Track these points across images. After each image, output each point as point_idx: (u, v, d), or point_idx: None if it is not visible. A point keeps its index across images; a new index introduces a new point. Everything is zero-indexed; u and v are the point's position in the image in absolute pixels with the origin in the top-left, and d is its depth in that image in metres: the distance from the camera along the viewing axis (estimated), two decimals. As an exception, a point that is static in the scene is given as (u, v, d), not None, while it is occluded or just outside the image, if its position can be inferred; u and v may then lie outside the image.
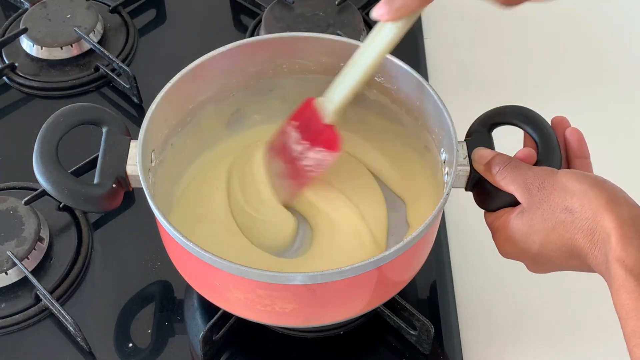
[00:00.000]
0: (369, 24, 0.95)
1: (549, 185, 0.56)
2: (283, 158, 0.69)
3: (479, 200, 0.63)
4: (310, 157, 0.67)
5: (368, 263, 0.54)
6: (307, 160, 0.68)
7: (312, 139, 0.67)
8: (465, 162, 0.62)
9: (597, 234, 0.52)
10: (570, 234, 0.54)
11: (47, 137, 0.61)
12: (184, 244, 0.56)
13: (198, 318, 0.70)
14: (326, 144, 0.66)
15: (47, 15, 0.92)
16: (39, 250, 0.72)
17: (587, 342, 0.71)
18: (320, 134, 0.66)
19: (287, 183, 0.70)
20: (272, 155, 0.70)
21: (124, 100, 0.89)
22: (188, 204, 0.70)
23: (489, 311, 0.73)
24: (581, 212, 0.53)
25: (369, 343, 0.69)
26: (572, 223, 0.54)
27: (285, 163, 0.69)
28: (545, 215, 0.55)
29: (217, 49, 0.67)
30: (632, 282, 0.49)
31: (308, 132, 0.67)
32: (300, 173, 0.69)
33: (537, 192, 0.56)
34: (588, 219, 0.53)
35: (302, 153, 0.68)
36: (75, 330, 0.66)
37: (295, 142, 0.68)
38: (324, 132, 0.66)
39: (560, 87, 0.93)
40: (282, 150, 0.69)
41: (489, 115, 0.64)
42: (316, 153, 0.67)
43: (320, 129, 0.66)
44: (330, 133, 0.66)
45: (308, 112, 0.67)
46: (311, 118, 0.66)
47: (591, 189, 0.53)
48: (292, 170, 0.69)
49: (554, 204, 0.55)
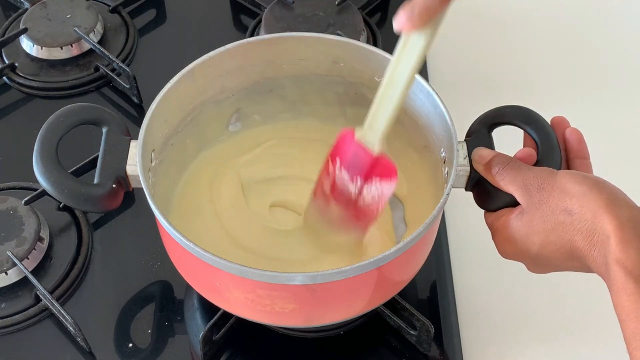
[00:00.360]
0: (369, 24, 0.95)
1: (549, 186, 0.55)
2: (338, 202, 0.64)
3: (479, 200, 0.63)
4: (369, 192, 0.62)
5: (368, 263, 0.54)
6: (367, 197, 0.63)
7: (365, 175, 0.62)
8: (465, 162, 0.62)
9: (596, 235, 0.52)
10: (570, 235, 0.54)
11: (47, 137, 0.61)
12: (184, 244, 0.56)
13: (198, 318, 0.70)
14: (383, 174, 0.61)
15: (47, 15, 0.92)
16: (39, 250, 0.72)
17: (587, 342, 0.71)
18: (373, 166, 0.61)
19: (348, 227, 0.65)
20: (322, 203, 0.66)
21: (124, 100, 0.89)
22: (188, 204, 0.70)
23: (489, 311, 0.73)
24: (580, 213, 0.53)
25: (369, 343, 0.69)
26: (571, 224, 0.54)
27: (341, 206, 0.64)
28: (545, 216, 0.55)
29: (217, 49, 0.67)
30: (632, 284, 0.49)
31: (356, 168, 0.62)
32: (361, 213, 0.64)
33: (536, 193, 0.56)
34: (587, 220, 0.52)
35: (361, 193, 0.63)
36: (75, 330, 0.66)
37: (347, 183, 0.63)
38: (378, 163, 0.61)
39: (560, 87, 0.93)
40: (335, 195, 0.64)
41: (489, 115, 0.64)
42: (374, 187, 0.62)
43: (372, 161, 0.61)
44: (385, 162, 0.61)
45: (351, 148, 0.62)
46: (357, 153, 0.61)
47: (590, 191, 0.53)
48: (352, 212, 0.64)
49: (554, 205, 0.55)
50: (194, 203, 0.70)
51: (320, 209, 0.66)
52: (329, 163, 0.64)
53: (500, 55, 0.97)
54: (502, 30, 1.00)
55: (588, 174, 0.56)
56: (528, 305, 0.73)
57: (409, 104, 0.68)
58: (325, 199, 0.66)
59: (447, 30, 0.99)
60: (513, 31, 1.00)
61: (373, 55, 0.68)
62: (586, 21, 1.01)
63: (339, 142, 0.63)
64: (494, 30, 1.00)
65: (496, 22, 1.01)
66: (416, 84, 0.65)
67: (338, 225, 0.66)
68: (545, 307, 0.73)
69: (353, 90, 0.72)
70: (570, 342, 0.71)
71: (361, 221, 0.64)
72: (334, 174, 0.64)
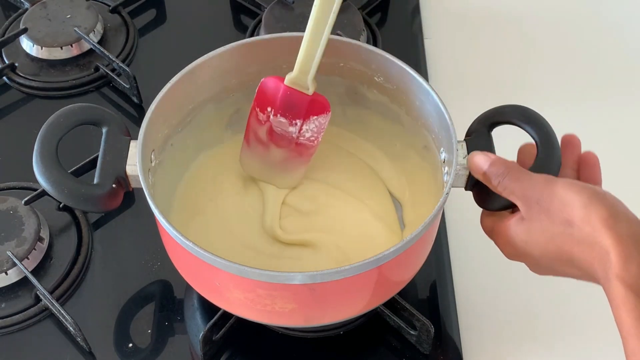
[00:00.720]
0: (369, 24, 0.95)
1: (548, 196, 0.55)
2: (278, 145, 0.70)
3: (478, 199, 0.63)
4: (308, 129, 0.68)
5: (368, 262, 0.54)
6: (306, 133, 0.69)
7: (303, 115, 0.67)
8: (464, 162, 0.62)
9: (596, 249, 0.51)
10: (569, 247, 0.53)
11: (47, 137, 0.61)
12: (184, 244, 0.56)
13: (198, 318, 0.70)
14: (319, 110, 0.67)
15: (47, 15, 0.92)
16: (39, 250, 0.72)
17: (587, 342, 0.71)
18: (310, 105, 0.67)
19: (293, 163, 0.71)
20: (261, 150, 0.70)
21: (124, 100, 0.89)
22: (188, 204, 0.70)
23: (489, 311, 0.73)
24: (580, 225, 0.52)
25: (369, 343, 0.69)
26: (570, 236, 0.53)
27: (283, 148, 0.70)
28: (544, 226, 0.55)
29: (217, 49, 0.67)
30: (632, 301, 0.48)
31: (294, 110, 0.67)
32: (303, 148, 0.70)
33: (535, 204, 0.55)
34: (587, 233, 0.52)
35: (300, 131, 0.68)
36: (75, 330, 0.66)
37: (286, 126, 0.68)
38: (314, 102, 0.67)
39: (560, 86, 0.93)
40: (273, 139, 0.69)
41: (489, 114, 0.64)
42: (313, 123, 0.68)
43: (307, 102, 0.67)
44: (318, 98, 0.67)
45: (285, 95, 0.66)
46: (292, 98, 0.66)
47: (590, 202, 0.52)
48: (294, 150, 0.70)
49: (553, 215, 0.54)
50: (193, 203, 0.70)
51: (261, 155, 0.70)
52: (257, 112, 0.68)
53: (500, 55, 0.97)
54: (502, 30, 1.00)
55: (588, 184, 0.55)
56: (528, 305, 0.73)
57: (409, 103, 0.68)
58: (263, 146, 0.70)
59: (447, 30, 1.00)
60: (513, 31, 1.00)
61: (373, 55, 0.68)
62: (586, 21, 1.01)
63: (264, 90, 0.67)
64: (494, 30, 1.00)
65: (496, 22, 1.01)
66: (415, 84, 0.65)
67: (282, 164, 0.70)
68: (545, 307, 0.73)
69: (353, 90, 0.72)
70: (571, 342, 0.71)
71: (304, 155, 0.70)
72: (269, 122, 0.68)
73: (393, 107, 0.70)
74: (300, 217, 0.71)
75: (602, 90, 0.93)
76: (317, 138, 0.69)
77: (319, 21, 0.62)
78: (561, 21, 1.01)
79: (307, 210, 0.71)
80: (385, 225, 0.70)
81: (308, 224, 0.70)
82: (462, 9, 1.02)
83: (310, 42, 0.63)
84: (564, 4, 1.04)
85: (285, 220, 0.70)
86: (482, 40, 0.99)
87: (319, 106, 0.67)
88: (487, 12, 1.02)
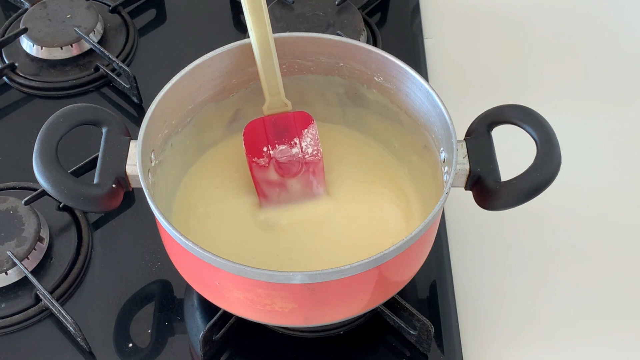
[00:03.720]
0: (369, 24, 0.95)
1: None
2: (292, 174, 0.70)
3: (478, 199, 0.63)
4: (307, 144, 0.70)
5: (368, 262, 0.54)
6: (308, 149, 0.70)
7: (296, 131, 0.70)
8: (464, 161, 0.62)
9: None
10: None
11: (47, 137, 0.61)
12: (183, 244, 0.56)
13: (198, 318, 0.70)
14: (304, 122, 0.70)
15: (47, 15, 0.92)
16: (39, 250, 0.72)
17: (587, 342, 0.71)
18: (296, 122, 0.70)
19: (311, 185, 0.70)
20: (280, 191, 0.70)
21: (124, 100, 0.89)
22: (188, 204, 0.70)
23: (489, 311, 0.73)
24: None
25: (369, 343, 0.69)
26: None
27: (298, 174, 0.70)
28: None
29: (217, 49, 0.67)
30: None
31: (287, 131, 0.70)
32: (312, 165, 0.70)
33: None
34: None
35: (302, 149, 0.70)
36: (75, 330, 0.66)
37: (289, 151, 0.70)
38: (297, 116, 0.70)
39: (560, 86, 0.93)
40: (285, 172, 0.70)
41: (489, 114, 0.64)
42: (307, 137, 0.70)
43: (293, 119, 0.70)
44: (297, 113, 0.70)
45: (270, 126, 0.69)
46: (278, 123, 0.69)
47: None
48: (307, 171, 0.70)
49: None
50: (193, 203, 0.71)
51: (282, 196, 0.70)
52: (256, 161, 0.70)
53: (500, 55, 0.97)
54: (502, 30, 1.00)
55: None
56: (528, 305, 0.73)
57: (408, 103, 0.68)
58: (280, 186, 0.70)
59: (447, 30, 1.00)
60: (513, 31, 1.00)
61: (373, 55, 0.68)
62: (587, 21, 1.01)
63: (250, 136, 0.69)
64: (494, 30, 1.00)
65: (496, 21, 1.01)
66: (415, 83, 0.65)
67: (304, 190, 0.70)
68: (545, 307, 0.73)
69: (353, 91, 0.72)
70: (570, 342, 0.71)
71: (317, 173, 0.70)
72: (272, 159, 0.70)
73: (393, 107, 0.70)
74: (296, 216, 0.71)
75: (602, 90, 0.93)
76: (318, 150, 0.70)
77: (262, 42, 0.65)
78: (561, 21, 1.01)
79: (303, 210, 0.71)
80: (400, 210, 0.70)
81: None
82: (462, 9, 1.02)
83: (264, 65, 0.66)
84: (564, 4, 1.04)
85: (290, 213, 0.71)
86: (482, 40, 0.99)
87: (303, 118, 0.70)
88: (487, 12, 1.03)
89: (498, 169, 0.61)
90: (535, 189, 0.60)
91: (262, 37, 0.65)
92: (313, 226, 0.70)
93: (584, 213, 0.80)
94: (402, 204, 0.71)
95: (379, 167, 0.74)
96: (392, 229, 0.68)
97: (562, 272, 0.76)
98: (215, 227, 0.69)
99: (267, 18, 0.65)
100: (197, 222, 0.69)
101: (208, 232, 0.68)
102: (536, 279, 0.75)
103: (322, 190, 0.70)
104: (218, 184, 0.72)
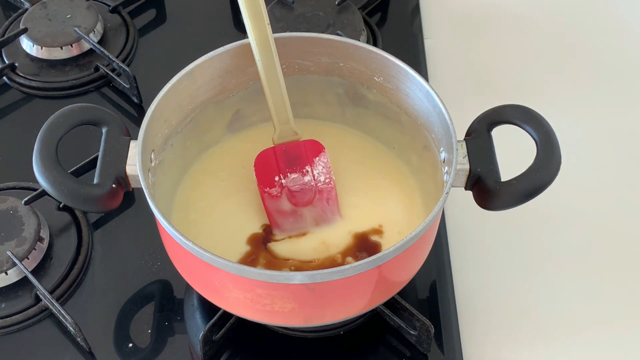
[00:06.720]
0: (369, 24, 0.95)
1: None
2: (305, 202, 0.69)
3: (478, 199, 0.63)
4: (319, 172, 0.69)
5: (368, 262, 0.54)
6: (320, 177, 0.69)
7: (308, 159, 0.69)
8: (464, 161, 0.62)
9: None
10: None
11: (47, 137, 0.61)
12: (183, 244, 0.56)
13: (198, 318, 0.70)
14: (315, 150, 0.69)
15: (47, 15, 0.92)
16: (39, 250, 0.72)
17: (587, 342, 0.71)
18: (307, 151, 0.69)
19: (326, 212, 0.69)
20: (294, 220, 0.69)
21: (124, 100, 0.89)
22: (188, 203, 0.70)
23: (489, 311, 0.73)
24: None
25: (369, 343, 0.69)
26: None
27: (311, 201, 0.69)
28: None
29: (217, 49, 0.67)
30: None
31: (298, 160, 0.69)
32: (325, 193, 0.69)
33: None
34: None
35: (315, 177, 0.69)
36: (75, 330, 0.66)
37: (301, 179, 0.69)
38: (308, 146, 0.69)
39: (560, 86, 0.93)
40: (298, 201, 0.69)
41: (488, 114, 0.64)
42: (319, 165, 0.69)
43: (304, 148, 0.69)
44: (307, 141, 0.69)
45: (282, 155, 0.69)
46: (289, 152, 0.69)
47: None
48: (320, 199, 0.69)
49: None
50: (193, 203, 0.70)
51: (297, 224, 0.68)
52: (268, 191, 0.68)
53: (500, 55, 0.97)
54: (502, 30, 1.00)
55: None
56: (528, 305, 0.73)
57: (408, 103, 0.68)
58: (294, 216, 0.69)
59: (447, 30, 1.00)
60: (513, 31, 1.00)
61: (373, 55, 0.68)
62: (587, 21, 1.01)
63: (262, 166, 0.68)
64: (494, 30, 1.00)
65: (496, 21, 1.01)
66: (415, 83, 0.65)
67: (320, 217, 0.69)
68: (544, 307, 0.73)
69: (353, 91, 0.72)
70: (570, 342, 0.71)
71: (330, 200, 0.69)
72: (284, 188, 0.68)
73: (393, 107, 0.70)
74: None
75: (602, 90, 0.93)
76: (330, 178, 0.69)
77: (268, 69, 0.65)
78: (561, 21, 1.01)
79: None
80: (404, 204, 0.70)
81: None
82: (462, 9, 1.02)
83: (272, 94, 0.66)
84: (564, 4, 1.04)
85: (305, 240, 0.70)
86: (482, 40, 0.99)
87: (314, 147, 0.69)
88: (488, 12, 1.03)
89: (498, 169, 0.61)
90: (535, 189, 0.60)
91: (268, 59, 0.65)
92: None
93: (583, 213, 0.80)
94: (406, 200, 0.71)
95: (380, 162, 0.74)
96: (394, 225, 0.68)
97: (562, 272, 0.76)
98: (216, 227, 0.69)
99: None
100: (197, 222, 0.69)
101: (208, 232, 0.68)
102: (536, 279, 0.75)
103: (338, 216, 0.69)
104: (218, 184, 0.72)
